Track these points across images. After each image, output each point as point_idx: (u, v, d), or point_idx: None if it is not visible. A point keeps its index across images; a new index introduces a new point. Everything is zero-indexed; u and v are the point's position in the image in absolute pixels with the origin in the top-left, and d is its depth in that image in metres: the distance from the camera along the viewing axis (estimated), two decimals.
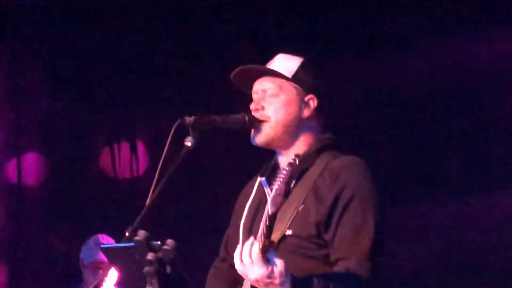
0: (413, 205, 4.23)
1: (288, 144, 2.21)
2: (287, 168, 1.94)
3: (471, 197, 4.42)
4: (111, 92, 5.03)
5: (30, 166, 5.12)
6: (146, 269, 1.96)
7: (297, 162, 1.98)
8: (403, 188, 3.91)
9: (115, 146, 5.10)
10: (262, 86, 2.23)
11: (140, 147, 4.96)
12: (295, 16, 4.33)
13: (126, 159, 5.08)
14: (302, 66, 2.23)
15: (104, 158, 5.15)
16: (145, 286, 2.01)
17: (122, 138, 4.98)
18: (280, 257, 2.00)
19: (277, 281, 1.97)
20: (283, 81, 2.20)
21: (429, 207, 4.31)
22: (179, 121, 2.11)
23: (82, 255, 4.24)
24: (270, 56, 2.25)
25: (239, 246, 2.00)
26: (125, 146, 5.02)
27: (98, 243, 4.22)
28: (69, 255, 4.54)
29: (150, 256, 1.94)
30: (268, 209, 1.93)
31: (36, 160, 5.14)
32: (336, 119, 2.33)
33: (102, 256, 4.04)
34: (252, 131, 2.22)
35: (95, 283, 3.93)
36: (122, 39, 4.91)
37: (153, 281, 1.97)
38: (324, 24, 4.39)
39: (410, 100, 4.42)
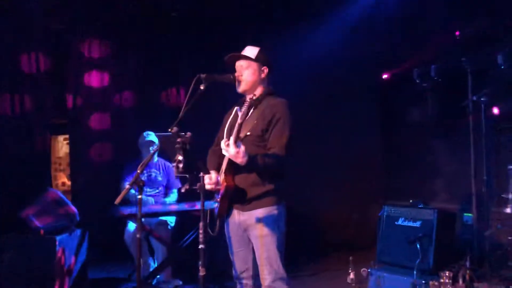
0: None
1: (251, 92, 3.04)
2: (248, 101, 2.74)
3: None
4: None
5: None
6: (176, 146, 2.61)
7: (254, 98, 2.77)
8: None
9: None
10: (240, 63, 3.07)
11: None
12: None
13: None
14: (260, 52, 3.07)
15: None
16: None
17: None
18: (244, 144, 2.69)
19: (240, 155, 2.66)
20: (250, 60, 3.05)
21: None
22: (198, 75, 2.83)
23: (140, 141, 4.94)
24: (243, 47, 3.10)
25: (224, 139, 2.77)
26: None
27: (147, 135, 4.91)
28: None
29: (178, 139, 2.63)
30: (238, 121, 2.68)
31: None
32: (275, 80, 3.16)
33: (150, 139, 4.80)
34: (236, 84, 3.02)
35: (146, 153, 4.72)
36: None
37: (179, 152, 2.64)
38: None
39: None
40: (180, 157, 2.60)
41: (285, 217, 2.95)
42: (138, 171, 2.97)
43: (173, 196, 5.17)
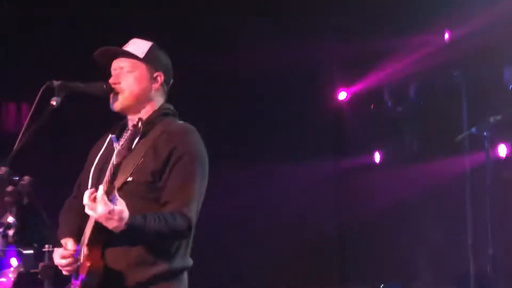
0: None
1: (136, 111, 2.99)
2: (131, 128, 2.63)
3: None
4: None
5: None
6: (6, 199, 2.52)
7: (139, 125, 2.65)
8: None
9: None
10: (119, 64, 3.01)
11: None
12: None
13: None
14: (152, 49, 3.04)
15: None
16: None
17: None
18: (123, 198, 2.61)
19: (116, 217, 2.59)
20: (136, 60, 2.99)
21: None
22: (47, 83, 2.81)
23: None
24: (126, 40, 3.05)
25: (88, 188, 2.69)
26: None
27: None
28: None
29: (9, 188, 2.53)
30: (114, 160, 2.59)
31: None
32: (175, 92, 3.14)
33: None
34: (111, 98, 2.96)
35: None
36: None
37: (12, 209, 2.57)
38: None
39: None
40: (10, 219, 2.54)
41: None
42: None
43: None
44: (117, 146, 2.63)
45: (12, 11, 6.21)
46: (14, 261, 4.94)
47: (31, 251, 2.80)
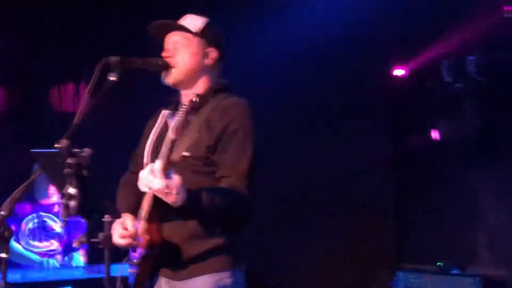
0: None
1: (190, 86, 3.04)
2: (188, 103, 2.64)
3: None
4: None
5: None
6: (66, 170, 2.51)
7: (196, 99, 2.67)
8: None
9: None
10: (173, 38, 3.06)
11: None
12: None
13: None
14: (207, 25, 3.08)
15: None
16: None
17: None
18: (179, 173, 2.61)
19: (174, 191, 2.60)
20: (190, 35, 3.04)
21: None
22: (105, 59, 2.83)
23: (35, 167, 5.13)
24: (181, 15, 3.10)
25: (145, 163, 2.76)
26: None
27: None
28: None
29: (70, 160, 2.52)
30: (170, 134, 2.60)
31: None
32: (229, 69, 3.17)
33: None
34: (164, 73, 3.01)
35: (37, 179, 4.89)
36: None
37: (72, 181, 2.52)
38: None
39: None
40: (71, 190, 2.55)
41: None
42: (2, 212, 2.87)
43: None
44: (172, 122, 2.66)
45: None
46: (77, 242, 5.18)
47: (93, 222, 2.84)
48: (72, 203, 2.57)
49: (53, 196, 5.37)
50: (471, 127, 5.86)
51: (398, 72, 6.65)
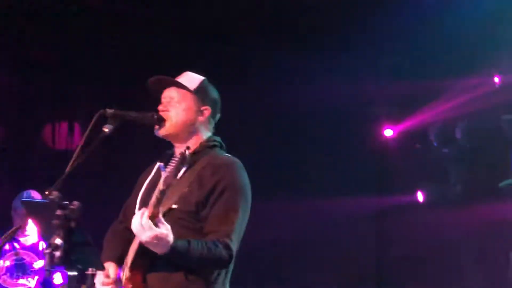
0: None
1: (183, 140, 3.05)
2: (178, 156, 2.70)
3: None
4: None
5: None
6: (55, 222, 2.54)
7: (186, 152, 2.71)
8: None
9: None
10: (170, 94, 3.10)
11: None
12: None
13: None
14: (202, 83, 3.13)
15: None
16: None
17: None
18: (168, 223, 2.67)
19: (161, 242, 2.65)
20: (186, 92, 3.09)
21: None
22: (102, 111, 2.89)
23: (15, 204, 5.09)
24: (179, 73, 3.15)
25: (136, 213, 2.73)
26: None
27: (29, 197, 4.94)
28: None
29: (58, 212, 2.54)
30: (160, 185, 2.66)
31: None
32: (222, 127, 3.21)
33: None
34: (157, 126, 3.03)
35: (20, 224, 4.86)
36: None
37: (59, 232, 2.55)
38: None
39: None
40: (58, 240, 2.54)
41: None
42: None
43: None
44: (164, 174, 2.67)
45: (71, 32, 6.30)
46: (58, 277, 5.05)
47: (75, 273, 2.81)
48: (57, 253, 2.56)
49: (32, 235, 5.28)
50: (456, 192, 5.88)
51: (388, 132, 6.68)
